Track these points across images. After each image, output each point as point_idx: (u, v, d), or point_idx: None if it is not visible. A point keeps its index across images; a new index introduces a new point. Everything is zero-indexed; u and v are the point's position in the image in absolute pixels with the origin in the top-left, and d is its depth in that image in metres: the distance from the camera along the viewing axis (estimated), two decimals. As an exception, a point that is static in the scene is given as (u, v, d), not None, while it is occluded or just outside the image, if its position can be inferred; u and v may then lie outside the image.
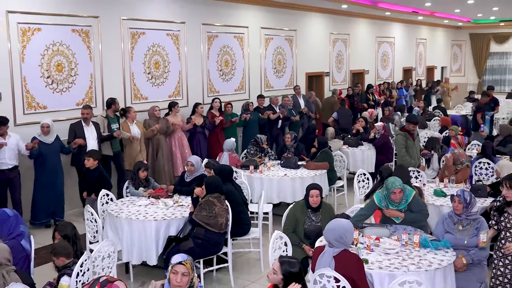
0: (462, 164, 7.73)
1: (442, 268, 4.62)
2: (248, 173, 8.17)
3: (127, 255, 5.98)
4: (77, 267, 4.37)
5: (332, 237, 4.31)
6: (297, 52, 14.11)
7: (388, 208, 5.57)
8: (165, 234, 5.94)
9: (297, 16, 13.92)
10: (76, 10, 8.69)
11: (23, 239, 4.72)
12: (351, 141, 10.49)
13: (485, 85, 23.52)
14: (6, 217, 4.75)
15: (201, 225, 5.74)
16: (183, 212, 6.19)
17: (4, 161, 7.16)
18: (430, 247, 5.00)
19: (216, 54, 11.56)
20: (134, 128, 8.71)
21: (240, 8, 12.06)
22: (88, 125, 8.08)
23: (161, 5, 10.18)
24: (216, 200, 5.84)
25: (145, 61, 9.98)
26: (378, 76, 18.32)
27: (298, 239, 5.63)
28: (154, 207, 6.41)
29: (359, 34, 16.98)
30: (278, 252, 5.07)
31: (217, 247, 5.89)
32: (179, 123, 9.46)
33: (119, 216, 6.05)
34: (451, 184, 7.38)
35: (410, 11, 16.61)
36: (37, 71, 8.26)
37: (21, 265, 4.66)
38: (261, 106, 11.50)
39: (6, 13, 7.79)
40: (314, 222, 5.72)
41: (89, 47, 8.98)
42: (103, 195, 6.69)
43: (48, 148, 7.63)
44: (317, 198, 5.69)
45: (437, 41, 22.72)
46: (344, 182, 9.30)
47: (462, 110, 16.99)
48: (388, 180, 5.56)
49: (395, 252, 4.90)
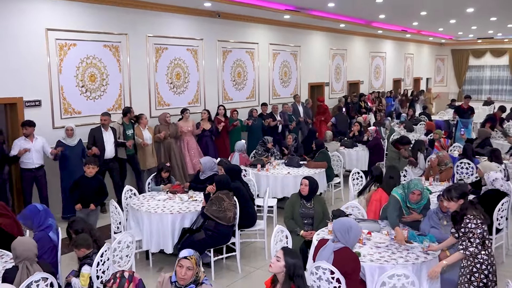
0: (446, 165, 7.39)
1: (427, 262, 4.32)
2: (256, 171, 7.90)
3: (146, 244, 5.75)
4: (97, 257, 4.14)
5: (338, 228, 3.98)
6: (300, 65, 13.79)
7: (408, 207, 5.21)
8: (180, 226, 5.69)
9: (301, 34, 13.60)
10: (107, 28, 8.47)
11: (51, 231, 4.48)
12: (347, 143, 10.20)
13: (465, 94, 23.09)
14: (36, 211, 4.53)
15: (212, 219, 5.50)
16: (196, 206, 5.93)
17: (31, 161, 6.95)
18: (417, 241, 4.68)
19: (230, 67, 11.28)
20: (146, 133, 8.42)
21: (252, 27, 11.77)
22: (107, 130, 7.75)
23: (182, 24, 9.92)
24: (225, 196, 5.58)
25: (168, 73, 9.73)
26: (372, 86, 17.94)
27: (295, 225, 5.36)
28: (171, 201, 6.17)
29: (355, 49, 16.61)
30: (279, 244, 4.78)
31: (226, 238, 5.63)
32: (189, 127, 9.14)
33: (140, 210, 5.81)
34: (435, 182, 7.06)
35: (400, 29, 16.24)
36: (73, 81, 8.04)
37: (49, 254, 4.45)
38: (265, 113, 11.10)
39: (46, 31, 7.58)
40: (307, 208, 5.47)
41: (119, 60, 8.75)
42: (127, 190, 6.45)
43: (71, 150, 7.34)
44: (305, 187, 5.43)
45: (423, 55, 22.28)
46: (341, 179, 9.00)
47: (444, 115, 16.55)
48: (413, 181, 5.21)
49: (385, 246, 4.60)
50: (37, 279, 3.64)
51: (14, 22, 7.19)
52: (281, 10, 10.78)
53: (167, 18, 9.55)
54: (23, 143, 6.89)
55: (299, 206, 5.47)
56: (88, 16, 8.14)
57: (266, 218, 6.38)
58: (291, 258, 3.36)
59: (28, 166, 6.98)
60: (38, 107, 7.59)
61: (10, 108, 7.45)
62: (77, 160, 7.31)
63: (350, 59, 16.32)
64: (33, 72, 7.47)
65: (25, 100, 7.40)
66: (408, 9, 11.91)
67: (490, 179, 6.01)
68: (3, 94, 7.15)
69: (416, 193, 5.06)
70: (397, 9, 11.74)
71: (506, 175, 7.47)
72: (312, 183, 5.47)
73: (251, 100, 11.99)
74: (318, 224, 5.40)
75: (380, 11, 12.18)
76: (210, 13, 10.31)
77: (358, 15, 12.80)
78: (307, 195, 5.45)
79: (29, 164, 6.97)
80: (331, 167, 8.59)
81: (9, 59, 7.16)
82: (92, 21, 8.22)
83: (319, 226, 5.35)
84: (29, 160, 6.93)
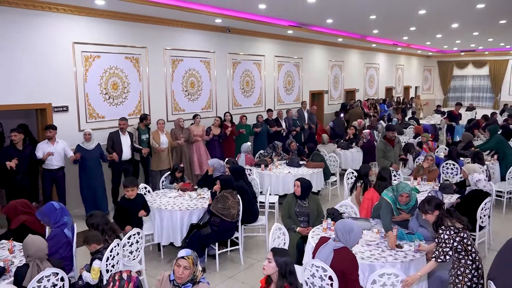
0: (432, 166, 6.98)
1: (415, 260, 3.95)
2: (260, 170, 7.58)
3: (158, 237, 5.47)
4: (107, 252, 3.86)
5: (339, 228, 3.62)
6: (302, 75, 13.42)
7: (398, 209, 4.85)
8: (188, 221, 5.41)
9: (303, 47, 13.23)
10: (129, 42, 8.21)
11: (66, 228, 4.21)
12: (343, 145, 9.83)
13: (450, 100, 22.59)
14: (53, 209, 4.26)
15: (217, 215, 5.19)
16: (203, 203, 5.62)
17: (52, 162, 6.64)
18: (406, 239, 4.32)
19: (239, 76, 10.97)
20: (163, 138, 8.03)
21: (259, 41, 11.44)
22: (124, 134, 7.42)
23: (196, 38, 9.63)
24: (229, 195, 5.27)
25: (183, 82, 9.44)
26: (366, 93, 17.48)
27: (292, 223, 5.02)
28: (181, 198, 5.87)
29: (352, 61, 16.17)
30: (277, 240, 4.46)
31: (230, 233, 5.32)
32: (200, 131, 8.78)
33: (152, 206, 5.52)
34: (423, 182, 6.66)
35: (391, 43, 15.78)
36: (97, 89, 7.79)
37: (64, 248, 4.19)
38: (270, 118, 10.70)
39: (73, 44, 7.35)
40: (302, 206, 5.13)
41: (139, 71, 8.48)
42: (142, 187, 6.17)
43: (89, 154, 6.96)
44: (298, 188, 5.10)
45: (412, 66, 21.74)
46: (337, 177, 8.64)
47: (431, 120, 16.06)
48: (401, 184, 4.83)
49: (376, 244, 4.25)
50: (48, 274, 3.37)
51: (45, 36, 6.96)
52: (285, 26, 10.44)
53: (182, 33, 9.27)
54: (45, 146, 6.62)
55: (294, 205, 5.14)
56: (111, 31, 7.89)
57: (267, 214, 6.05)
58: (280, 257, 3.06)
59: (49, 167, 6.68)
60: (66, 112, 7.36)
61: (41, 113, 7.23)
62: (94, 163, 6.98)
63: (347, 69, 15.91)
64: (61, 80, 7.24)
65: (53, 105, 7.17)
66: (398, 25, 11.50)
67: (474, 180, 5.63)
68: (34, 100, 6.93)
69: (404, 195, 4.72)
70: (389, 25, 11.34)
71: (488, 175, 7.07)
72: (303, 183, 5.13)
73: (258, 106, 11.66)
74: (314, 221, 5.06)
75: (374, 27, 11.77)
76: (221, 28, 10.01)
77: (354, 30, 12.40)
78: (301, 195, 5.12)
79: (49, 166, 6.67)
80: (327, 166, 8.24)
81: (39, 69, 6.94)
82: (115, 36, 7.96)
83: (315, 223, 5.02)
84: (49, 162, 6.63)
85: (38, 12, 6.82)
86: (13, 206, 4.61)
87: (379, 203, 4.91)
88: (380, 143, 7.45)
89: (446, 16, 10.15)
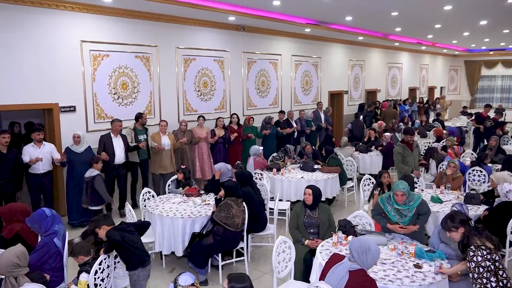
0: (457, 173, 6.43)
1: (436, 283, 3.47)
2: (271, 174, 7.19)
3: (159, 245, 5.15)
4: (95, 265, 3.55)
5: (355, 247, 3.20)
6: (321, 75, 12.94)
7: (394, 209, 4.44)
8: (190, 229, 5.06)
9: (322, 46, 12.75)
10: (139, 40, 7.96)
11: (56, 237, 3.93)
12: (361, 148, 9.32)
13: (477, 102, 21.62)
14: (44, 216, 3.98)
15: (220, 224, 4.82)
16: (207, 211, 5.27)
17: (37, 166, 6.21)
18: (425, 258, 3.85)
19: (254, 76, 10.60)
20: (165, 139, 7.64)
21: (275, 40, 11.04)
22: (116, 136, 6.97)
23: (209, 37, 9.31)
24: (233, 203, 4.91)
25: (196, 81, 9.14)
26: (388, 94, 16.84)
27: (300, 235, 4.61)
28: (185, 204, 5.54)
29: (373, 60, 15.57)
30: (282, 255, 4.07)
31: (233, 243, 4.95)
32: (203, 134, 8.35)
33: (153, 212, 5.21)
34: (447, 191, 6.12)
35: (415, 42, 15.10)
36: (105, 88, 7.57)
37: (53, 258, 3.90)
38: (281, 120, 10.16)
39: (81, 43, 7.13)
40: (311, 217, 4.71)
41: (149, 70, 8.22)
42: (145, 192, 5.88)
43: (78, 157, 6.51)
44: (309, 196, 4.69)
45: (437, 66, 20.89)
46: (355, 182, 8.17)
47: (457, 122, 15.29)
48: (396, 182, 4.48)
49: (391, 262, 3.80)
50: (26, 291, 3.09)
51: (51, 34, 6.76)
52: (302, 23, 10.01)
53: (195, 31, 8.96)
54: (32, 149, 6.24)
55: (303, 215, 4.73)
56: (120, 29, 7.66)
57: (278, 222, 5.66)
58: (238, 284, 2.67)
59: (35, 171, 6.25)
60: (73, 112, 7.15)
61: (48, 113, 7.04)
62: (84, 167, 6.46)
63: (368, 69, 15.32)
64: (68, 80, 7.03)
65: (60, 105, 6.97)
66: (422, 22, 10.89)
67: (504, 191, 5.08)
68: (40, 100, 6.74)
69: (399, 193, 4.34)
70: (412, 22, 10.75)
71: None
72: (315, 191, 4.72)
73: (274, 107, 11.27)
74: (324, 233, 4.63)
75: (396, 25, 11.20)
76: (235, 26, 9.66)
77: (375, 28, 11.85)
78: (311, 204, 4.71)
79: (35, 170, 6.24)
80: (344, 171, 7.78)
81: (46, 68, 6.74)
82: (124, 34, 7.72)
83: (325, 235, 4.60)
84: (35, 166, 6.21)
85: (45, 9, 6.63)
86: (13, 211, 4.28)
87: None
88: (398, 147, 6.93)
89: (474, 12, 9.51)
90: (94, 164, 6.13)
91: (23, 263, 3.41)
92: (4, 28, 6.25)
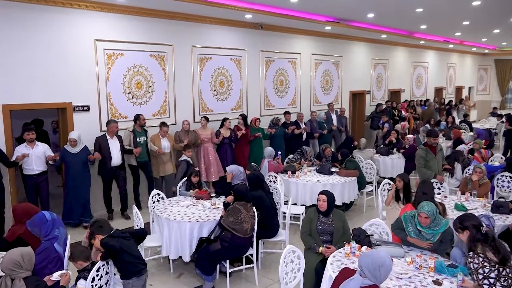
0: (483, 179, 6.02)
1: (457, 302, 3.17)
2: (287, 177, 6.94)
3: (166, 250, 4.97)
4: (93, 271, 3.41)
5: (365, 264, 2.93)
6: (342, 74, 12.57)
7: (416, 231, 4.11)
8: (198, 234, 4.86)
9: (343, 45, 12.38)
10: (154, 39, 7.85)
11: (56, 242, 3.81)
12: (382, 150, 8.95)
13: (508, 102, 20.73)
14: (44, 220, 3.86)
15: (228, 230, 4.62)
16: (216, 215, 5.07)
17: (31, 167, 6.09)
18: (446, 273, 3.54)
19: (272, 75, 10.36)
20: (164, 142, 7.46)
21: (294, 38, 10.77)
22: (112, 137, 6.77)
23: (226, 35, 9.13)
24: (242, 207, 4.69)
25: (212, 81, 8.98)
26: (413, 94, 16.28)
27: (313, 242, 4.35)
28: (194, 208, 5.36)
29: (397, 59, 15.06)
30: (290, 265, 3.83)
31: (242, 250, 4.73)
32: (207, 134, 8.15)
33: (160, 216, 5.05)
34: (473, 198, 5.72)
35: (442, 40, 14.51)
36: (119, 88, 7.49)
37: (54, 264, 3.76)
38: (288, 122, 9.73)
39: (95, 42, 7.07)
40: (325, 223, 4.45)
41: (164, 69, 8.10)
42: (155, 194, 5.73)
43: (73, 157, 6.35)
44: (324, 203, 4.42)
45: (465, 65, 20.09)
46: (374, 186, 7.84)
47: (486, 124, 14.61)
48: (422, 203, 4.08)
49: (408, 277, 3.50)
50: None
51: (65, 33, 6.72)
52: (321, 21, 9.71)
53: (211, 29, 8.80)
54: (24, 150, 6.11)
55: (316, 221, 4.47)
56: (135, 28, 7.56)
57: (288, 228, 5.42)
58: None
59: (29, 172, 6.12)
60: (87, 111, 7.09)
61: (62, 113, 7.01)
62: (80, 167, 6.36)
63: (392, 68, 14.83)
64: (82, 79, 6.98)
65: (74, 105, 6.93)
66: (449, 19, 10.39)
67: (536, 200, 4.69)
68: (54, 99, 6.71)
69: (423, 215, 3.97)
70: (438, 19, 10.27)
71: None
72: (329, 197, 4.46)
73: (293, 107, 11.00)
74: (338, 240, 4.36)
75: (421, 22, 10.74)
76: (253, 25, 9.45)
77: (399, 26, 11.41)
78: (326, 210, 4.45)
79: (29, 171, 6.11)
80: (363, 174, 7.46)
81: (60, 67, 6.70)
82: (139, 33, 7.62)
83: (339, 243, 4.32)
84: (29, 167, 6.09)
85: (58, 8, 6.59)
86: (25, 212, 4.18)
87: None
88: (420, 150, 6.55)
89: (505, 7, 8.98)
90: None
91: (25, 265, 3.29)
92: (18, 27, 6.23)
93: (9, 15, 6.14)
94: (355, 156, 8.10)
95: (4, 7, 6.08)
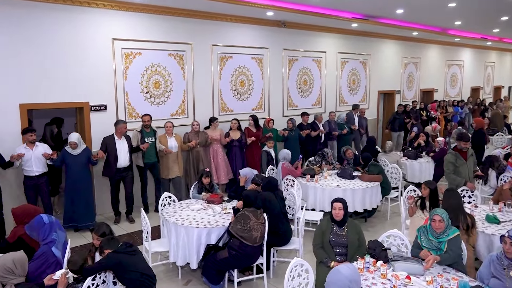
0: (519, 188, 5.49)
1: (482, 332, 2.80)
2: (305, 181, 6.63)
3: (173, 256, 4.80)
4: (88, 280, 3.26)
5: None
6: (370, 73, 12.08)
7: (428, 240, 3.76)
8: (206, 240, 4.66)
9: (371, 42, 11.89)
10: (172, 38, 7.72)
11: (54, 246, 3.69)
12: (410, 153, 8.46)
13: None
14: (42, 223, 3.75)
15: (236, 237, 4.38)
16: (225, 220, 4.84)
17: (31, 168, 5.94)
18: (471, 296, 3.16)
19: (295, 75, 10.05)
20: (171, 141, 7.27)
21: (319, 36, 10.40)
22: (120, 138, 6.60)
23: (247, 33, 8.90)
24: (251, 214, 4.44)
25: (232, 80, 8.78)
26: (447, 94, 15.51)
27: (325, 255, 4.04)
28: (203, 212, 5.16)
29: (430, 57, 14.36)
30: (297, 280, 3.55)
31: (250, 259, 4.48)
32: (217, 135, 7.91)
33: (168, 220, 4.88)
34: (507, 208, 5.22)
35: (479, 37, 13.70)
36: (137, 87, 7.41)
37: (52, 268, 3.65)
38: (305, 123, 9.17)
39: (112, 41, 7.01)
40: (338, 235, 4.13)
41: (183, 68, 7.96)
42: (165, 197, 5.57)
43: (74, 159, 6.16)
44: (340, 211, 4.11)
45: (505, 63, 18.98)
46: (400, 191, 7.37)
47: (526, 126, 13.68)
48: (434, 209, 3.85)
49: (426, 300, 3.15)
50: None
51: (82, 32, 6.69)
52: (348, 18, 9.31)
53: (231, 27, 8.59)
54: (23, 150, 5.98)
55: (330, 232, 4.15)
56: (153, 27, 7.46)
57: (302, 235, 5.11)
58: None
59: (29, 173, 5.97)
60: (104, 111, 7.05)
61: (79, 112, 7.00)
62: (80, 169, 6.20)
63: (424, 67, 14.16)
64: (100, 78, 6.93)
65: (91, 104, 6.89)
66: (486, 14, 9.73)
67: None
68: (71, 99, 6.69)
69: (436, 218, 3.68)
70: (474, 14, 9.64)
71: None
72: (345, 205, 4.14)
73: (317, 107, 10.65)
74: (353, 254, 4.03)
75: (455, 17, 10.12)
76: (275, 22, 9.18)
77: (432, 22, 10.81)
78: (341, 220, 4.13)
79: (29, 172, 5.96)
80: (387, 179, 7.04)
81: (77, 67, 6.68)
82: (157, 31, 7.52)
83: (354, 256, 3.99)
84: (29, 168, 5.94)
85: (76, 7, 6.56)
86: (26, 213, 4.12)
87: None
88: (449, 155, 6.08)
89: (548, 1, 8.30)
90: None
91: (18, 272, 3.18)
92: (36, 27, 6.23)
93: (27, 15, 6.15)
94: (379, 160, 7.67)
95: (23, 6, 6.10)
